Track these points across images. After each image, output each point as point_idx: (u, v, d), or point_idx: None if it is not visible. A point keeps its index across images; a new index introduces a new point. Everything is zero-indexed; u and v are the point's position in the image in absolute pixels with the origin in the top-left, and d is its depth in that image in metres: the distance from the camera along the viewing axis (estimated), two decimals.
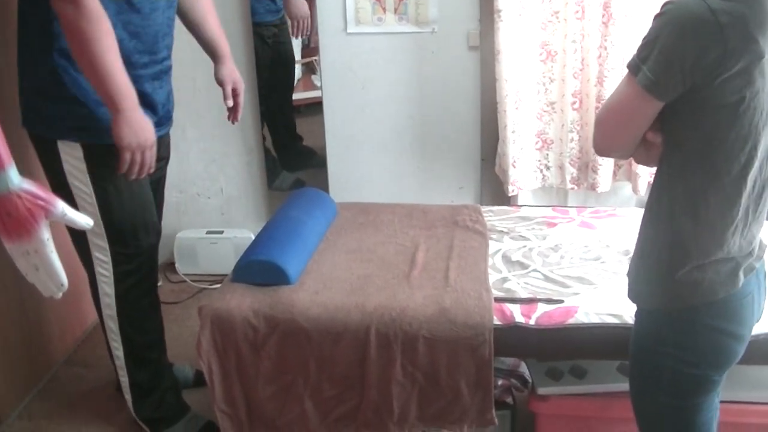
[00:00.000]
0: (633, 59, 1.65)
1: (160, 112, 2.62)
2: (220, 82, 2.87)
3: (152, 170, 2.45)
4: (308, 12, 3.86)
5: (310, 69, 4.17)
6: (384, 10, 3.78)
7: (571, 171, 3.77)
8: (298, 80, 4.21)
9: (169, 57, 2.65)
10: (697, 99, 1.61)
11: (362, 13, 3.80)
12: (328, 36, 3.87)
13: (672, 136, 1.71)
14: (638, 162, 1.85)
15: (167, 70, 2.66)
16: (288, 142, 4.25)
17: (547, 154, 3.81)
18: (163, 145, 2.78)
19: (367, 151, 4.05)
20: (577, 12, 3.55)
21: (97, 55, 2.23)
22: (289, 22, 3.97)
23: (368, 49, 3.87)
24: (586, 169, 3.75)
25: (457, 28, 3.79)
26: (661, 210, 1.77)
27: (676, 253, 1.74)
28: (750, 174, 1.68)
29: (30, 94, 2.49)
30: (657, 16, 1.62)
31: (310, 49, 4.07)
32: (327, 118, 3.99)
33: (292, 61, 4.12)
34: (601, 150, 1.83)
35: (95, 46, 2.22)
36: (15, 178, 1.87)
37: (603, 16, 3.51)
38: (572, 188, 3.81)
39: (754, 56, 1.56)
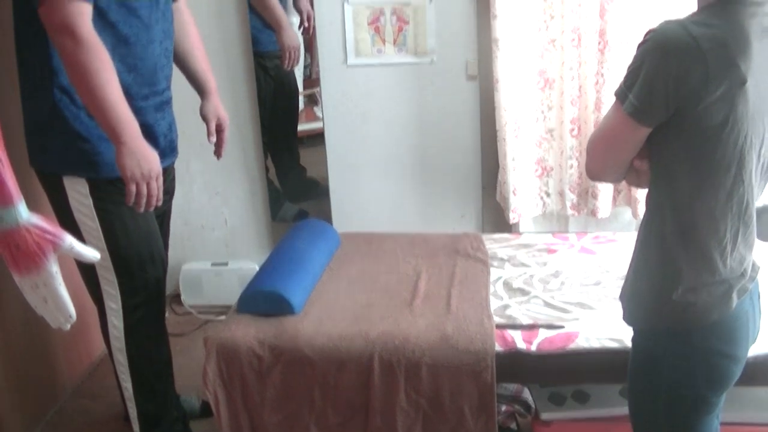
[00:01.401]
0: (620, 87, 1.70)
1: (162, 144, 2.64)
2: (205, 118, 2.86)
3: (160, 202, 2.44)
4: (299, 43, 3.90)
5: (312, 100, 4.20)
6: (383, 41, 3.84)
7: (571, 197, 3.80)
8: (301, 111, 4.23)
9: (168, 88, 2.67)
10: (681, 124, 1.65)
11: (362, 45, 3.86)
12: (328, 67, 3.92)
13: (659, 160, 1.74)
14: (630, 185, 1.89)
15: (168, 101, 2.68)
16: (291, 173, 4.27)
17: (547, 181, 3.85)
18: (168, 179, 2.80)
19: (369, 181, 4.09)
20: (574, 40, 3.60)
21: (97, 87, 2.25)
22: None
23: (368, 79, 3.92)
24: (586, 195, 3.78)
25: (456, 58, 3.84)
26: (651, 233, 1.81)
27: (667, 276, 1.77)
28: (736, 197, 1.71)
29: (34, 130, 2.52)
30: (641, 45, 1.66)
31: (312, 80, 4.10)
32: (329, 148, 4.03)
33: (295, 92, 4.15)
34: (593, 174, 1.87)
35: (95, 78, 2.24)
36: (24, 212, 1.91)
37: (599, 43, 3.56)
38: (572, 214, 3.85)
39: (735, 81, 1.60)
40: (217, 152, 2.92)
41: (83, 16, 2.24)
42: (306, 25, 3.90)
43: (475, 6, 3.76)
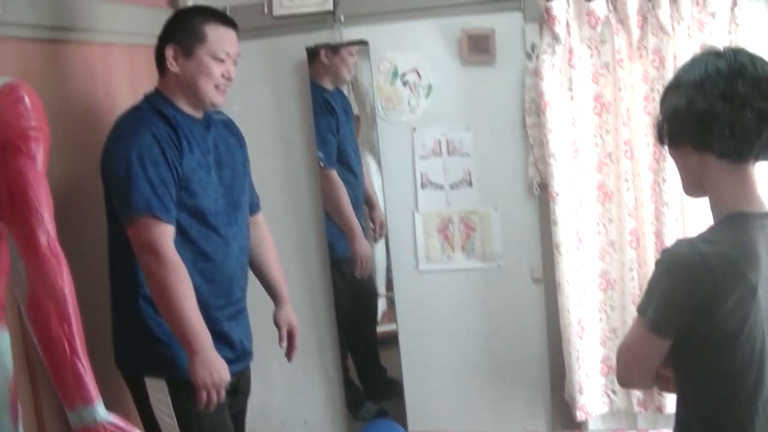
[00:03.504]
0: (641, 302, 1.85)
1: (238, 349, 2.84)
2: (277, 324, 3.08)
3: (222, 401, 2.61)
4: (370, 252, 4.08)
5: (394, 302, 4.34)
6: (452, 248, 4.05)
7: (637, 395, 3.82)
8: (383, 313, 4.33)
9: (243, 298, 2.90)
10: (698, 334, 1.77)
11: (432, 252, 4.08)
12: (401, 273, 4.12)
13: (682, 368, 1.85)
14: (660, 390, 2.00)
15: (242, 310, 2.90)
16: (372, 373, 4.37)
17: (613, 379, 3.86)
18: (243, 380, 2.99)
19: (441, 380, 4.18)
20: (632, 242, 3.72)
21: (175, 302, 2.49)
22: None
23: (439, 284, 4.09)
24: (651, 392, 3.79)
25: (521, 262, 4.00)
26: None
27: None
28: (760, 400, 1.78)
29: (120, 335, 2.76)
30: (657, 263, 1.82)
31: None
32: (402, 349, 4.17)
33: (374, 295, 4.28)
34: (623, 382, 2.01)
35: (173, 294, 2.48)
36: (101, 411, 2.13)
37: (656, 244, 3.67)
38: (640, 411, 3.85)
39: (746, 292, 1.72)
40: (288, 356, 3.12)
41: (166, 237, 2.52)
42: (376, 235, 4.13)
43: (538, 213, 3.95)
